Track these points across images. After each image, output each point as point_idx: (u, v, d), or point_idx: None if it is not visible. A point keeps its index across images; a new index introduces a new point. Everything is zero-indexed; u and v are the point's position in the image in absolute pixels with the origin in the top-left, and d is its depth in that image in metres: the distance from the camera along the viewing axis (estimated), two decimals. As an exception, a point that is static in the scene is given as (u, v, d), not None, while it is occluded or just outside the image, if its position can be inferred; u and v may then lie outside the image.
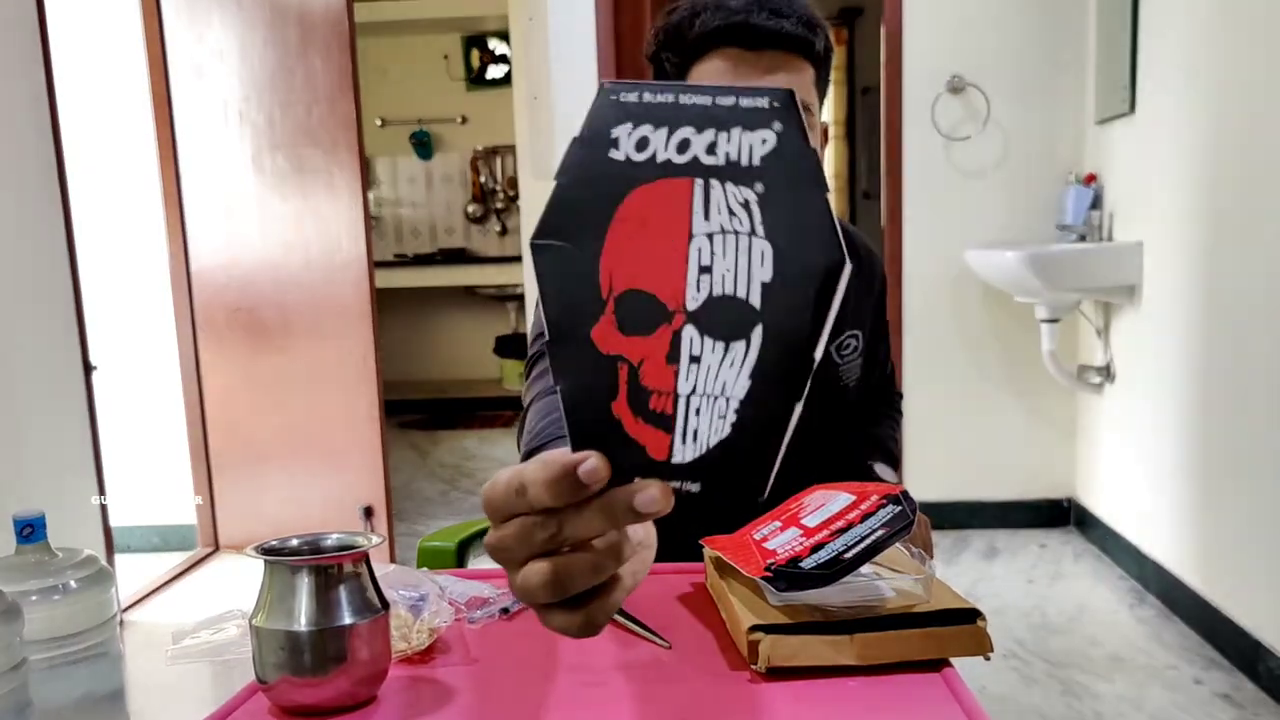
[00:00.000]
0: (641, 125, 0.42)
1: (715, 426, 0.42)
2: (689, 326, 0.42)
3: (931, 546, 1.23)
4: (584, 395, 0.43)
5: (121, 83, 3.20)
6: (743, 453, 0.42)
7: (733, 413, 0.42)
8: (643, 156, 0.42)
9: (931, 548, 1.22)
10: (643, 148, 0.42)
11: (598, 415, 0.43)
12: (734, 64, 0.97)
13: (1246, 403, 2.24)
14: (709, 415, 0.42)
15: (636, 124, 0.42)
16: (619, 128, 0.42)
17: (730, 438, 0.42)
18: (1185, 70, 2.49)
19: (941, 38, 3.17)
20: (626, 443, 0.42)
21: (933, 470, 3.34)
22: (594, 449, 0.42)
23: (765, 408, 0.41)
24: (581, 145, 0.42)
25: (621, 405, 0.43)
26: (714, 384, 0.42)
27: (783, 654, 0.73)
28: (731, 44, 0.97)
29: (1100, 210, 3.01)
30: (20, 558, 0.77)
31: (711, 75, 0.98)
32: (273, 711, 0.72)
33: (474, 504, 3.90)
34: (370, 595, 0.72)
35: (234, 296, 3.20)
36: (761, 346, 0.41)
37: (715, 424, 0.42)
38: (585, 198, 0.42)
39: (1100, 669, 2.30)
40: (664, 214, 0.42)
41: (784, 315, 0.41)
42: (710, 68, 0.98)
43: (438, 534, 1.33)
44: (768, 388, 0.41)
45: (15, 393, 2.26)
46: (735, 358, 0.42)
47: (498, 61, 5.86)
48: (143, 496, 3.32)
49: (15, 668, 0.68)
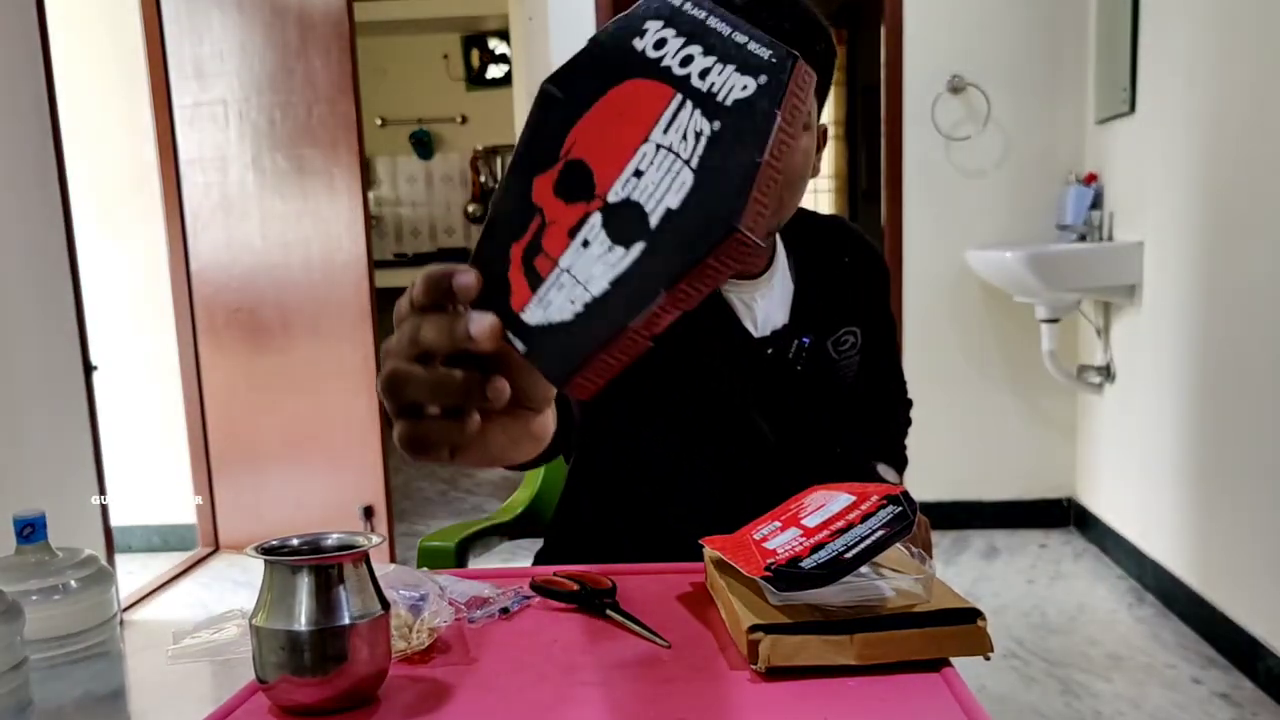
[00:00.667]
0: (668, 28, 0.46)
1: (562, 307, 0.45)
2: (597, 215, 0.45)
3: (931, 546, 1.23)
4: (502, 223, 0.47)
5: (122, 83, 3.20)
6: (568, 340, 0.44)
7: (581, 304, 0.44)
8: (654, 55, 0.46)
9: (931, 548, 1.22)
10: (659, 47, 0.46)
11: (499, 245, 0.47)
12: None
13: (1246, 402, 2.24)
14: (565, 295, 0.45)
15: (665, 25, 0.46)
16: (653, 22, 0.46)
17: (566, 323, 0.44)
18: (1185, 70, 2.49)
19: (942, 37, 3.17)
20: (501, 279, 0.46)
21: (933, 470, 3.34)
22: (479, 270, 0.46)
23: (605, 316, 0.44)
24: (623, 21, 0.47)
25: (519, 248, 0.46)
26: (584, 272, 0.45)
27: (782, 654, 0.73)
28: None
29: (1100, 210, 3.01)
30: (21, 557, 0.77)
31: None
32: (273, 711, 0.72)
33: (474, 504, 3.90)
34: (370, 595, 0.72)
35: (234, 296, 3.20)
36: (634, 262, 0.44)
37: (564, 305, 0.45)
38: (597, 68, 0.47)
39: (1099, 668, 2.30)
40: (639, 111, 0.45)
41: (666, 247, 0.43)
42: None
43: (438, 534, 1.33)
44: (617, 300, 0.44)
45: (16, 393, 2.26)
46: (612, 261, 0.44)
47: (498, 61, 5.86)
48: (143, 496, 3.32)
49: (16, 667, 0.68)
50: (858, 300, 1.22)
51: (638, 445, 1.14)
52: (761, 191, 0.42)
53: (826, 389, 1.18)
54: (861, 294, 1.23)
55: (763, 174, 0.42)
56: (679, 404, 1.11)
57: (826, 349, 1.17)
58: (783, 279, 1.17)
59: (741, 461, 1.14)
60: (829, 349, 1.18)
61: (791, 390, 1.15)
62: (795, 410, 1.15)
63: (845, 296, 1.20)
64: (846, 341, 1.19)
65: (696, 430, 1.12)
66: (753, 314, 1.14)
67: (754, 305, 1.14)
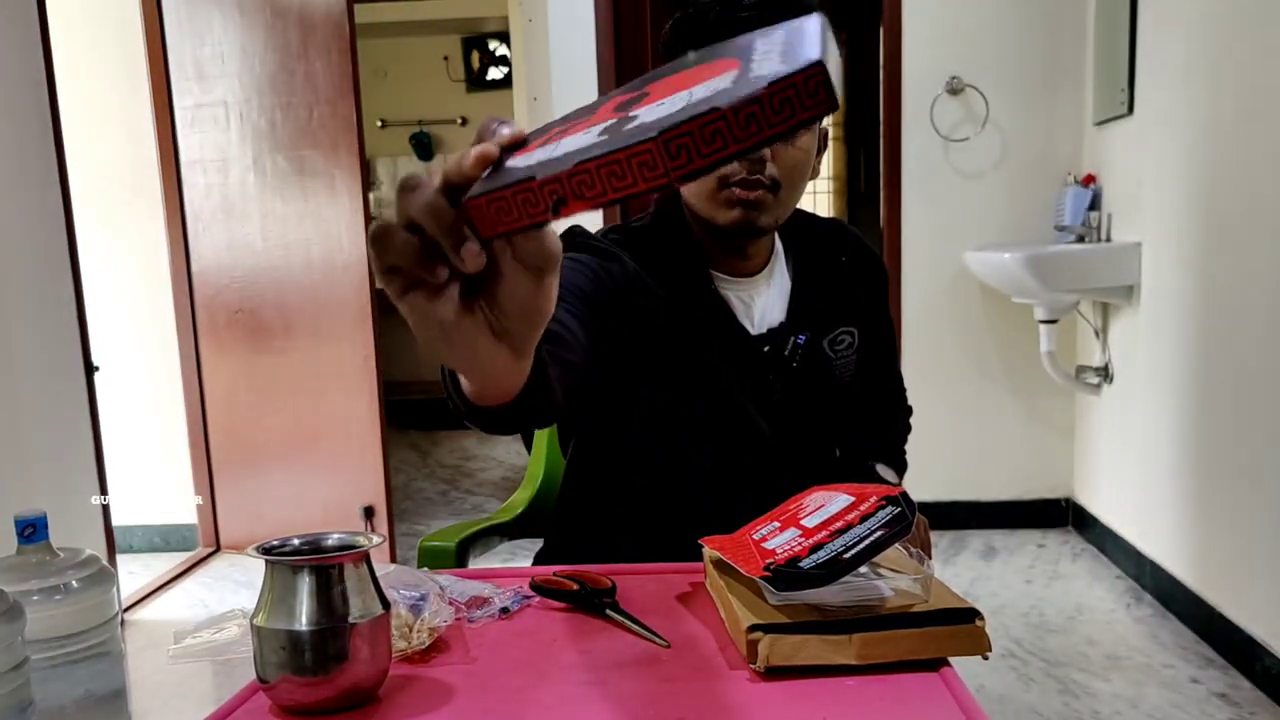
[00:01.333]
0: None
1: (535, 155, 0.47)
2: (619, 120, 0.47)
3: (930, 546, 1.23)
4: (560, 118, 0.51)
5: (123, 85, 3.20)
6: (504, 175, 0.47)
7: (549, 155, 0.47)
8: (751, 47, 0.49)
9: (930, 548, 1.22)
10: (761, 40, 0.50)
11: (543, 128, 0.50)
12: None
13: (1244, 403, 2.24)
14: (546, 151, 0.47)
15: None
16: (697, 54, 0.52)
17: (524, 166, 0.46)
18: (1183, 71, 2.50)
19: (940, 39, 3.18)
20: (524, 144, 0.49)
21: (931, 470, 3.35)
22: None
23: (553, 164, 0.45)
24: (699, 57, 0.52)
25: (555, 130, 0.50)
26: (576, 141, 0.46)
27: (781, 653, 0.74)
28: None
29: (1098, 211, 3.02)
30: (22, 558, 0.77)
31: None
32: (274, 711, 0.72)
33: (474, 504, 3.91)
34: (371, 595, 0.73)
35: (235, 297, 3.20)
36: (629, 129, 0.45)
37: (538, 154, 0.47)
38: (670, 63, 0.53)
39: (1097, 668, 2.30)
40: (705, 75, 0.47)
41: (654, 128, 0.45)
42: None
43: (438, 534, 1.33)
44: (574, 155, 0.45)
45: (18, 393, 2.27)
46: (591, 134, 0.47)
47: (498, 63, 5.86)
48: (144, 497, 3.32)
49: (17, 667, 0.68)
50: (856, 301, 1.22)
51: (636, 442, 1.15)
52: (763, 106, 0.42)
53: (823, 387, 1.19)
54: (860, 295, 1.23)
55: (768, 94, 0.42)
56: (677, 401, 1.12)
57: (823, 347, 1.18)
58: (781, 277, 1.18)
59: (740, 459, 1.14)
60: (825, 348, 1.18)
61: (788, 388, 1.15)
62: (792, 408, 1.16)
63: (843, 297, 1.21)
64: (843, 341, 1.20)
65: (694, 427, 1.13)
66: (750, 312, 1.14)
67: (752, 303, 1.15)
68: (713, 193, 1.06)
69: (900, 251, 3.27)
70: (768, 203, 1.06)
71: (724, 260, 1.13)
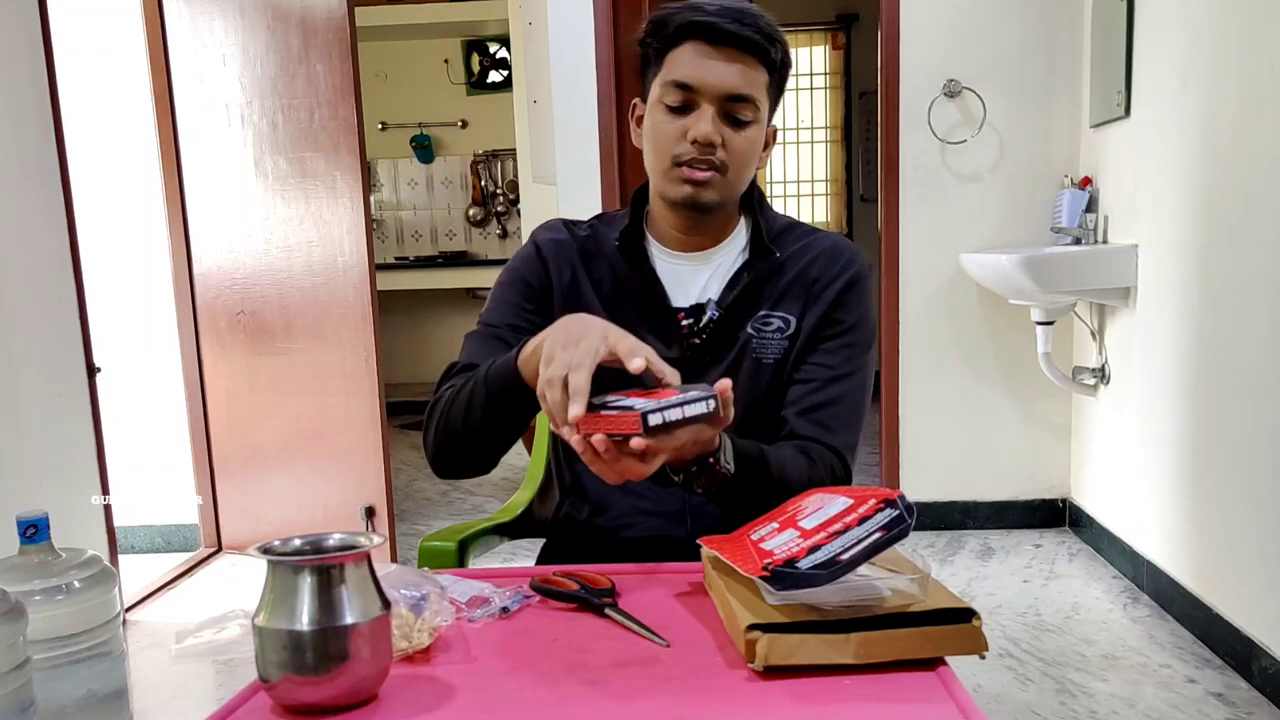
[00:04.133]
0: None
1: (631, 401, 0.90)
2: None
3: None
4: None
5: (124, 87, 3.21)
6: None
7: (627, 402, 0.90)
8: None
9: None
10: None
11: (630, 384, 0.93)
12: (700, 54, 1.13)
13: (1240, 403, 2.25)
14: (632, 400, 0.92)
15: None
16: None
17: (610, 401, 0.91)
18: (1180, 74, 2.51)
19: (938, 42, 3.18)
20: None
21: (929, 471, 3.35)
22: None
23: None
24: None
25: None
26: (649, 402, 0.91)
27: (780, 653, 0.74)
28: (700, 38, 1.13)
29: (1095, 213, 3.02)
30: (24, 558, 0.78)
31: (682, 59, 1.13)
32: (275, 710, 0.73)
33: (474, 504, 3.91)
34: (372, 595, 0.73)
35: (236, 299, 3.21)
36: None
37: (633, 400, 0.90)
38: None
39: (1094, 668, 2.31)
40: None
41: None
42: (682, 52, 1.14)
43: (438, 534, 1.34)
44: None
45: (20, 394, 2.27)
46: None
47: (498, 66, 5.86)
48: (146, 497, 3.32)
49: (19, 667, 0.68)
50: (807, 294, 1.20)
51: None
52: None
53: (735, 363, 1.19)
54: (807, 289, 1.20)
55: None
56: (614, 373, 1.04)
57: (745, 325, 1.19)
58: (730, 257, 1.22)
59: None
60: (748, 326, 1.19)
61: (698, 358, 1.18)
62: (699, 378, 1.14)
63: (789, 285, 1.20)
64: (771, 324, 1.20)
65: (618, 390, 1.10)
66: (686, 287, 1.21)
67: (691, 279, 1.21)
68: (667, 170, 1.15)
69: (898, 253, 3.27)
70: (715, 182, 1.15)
71: (677, 236, 1.22)
